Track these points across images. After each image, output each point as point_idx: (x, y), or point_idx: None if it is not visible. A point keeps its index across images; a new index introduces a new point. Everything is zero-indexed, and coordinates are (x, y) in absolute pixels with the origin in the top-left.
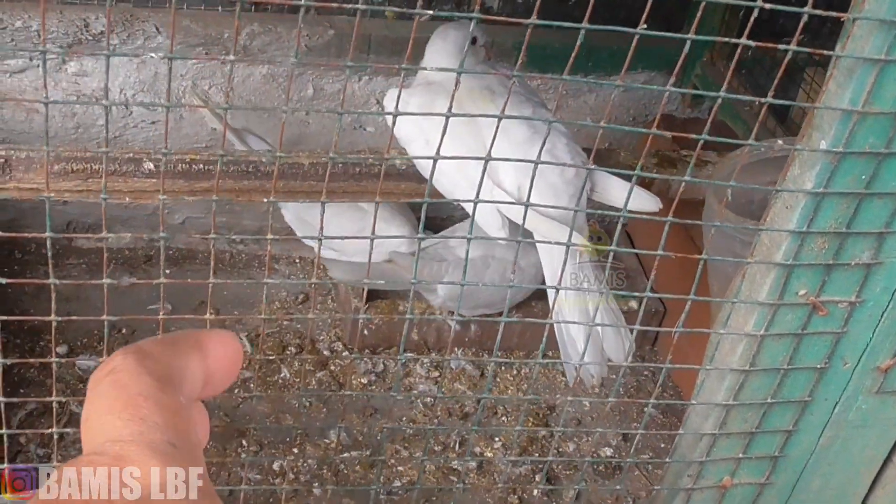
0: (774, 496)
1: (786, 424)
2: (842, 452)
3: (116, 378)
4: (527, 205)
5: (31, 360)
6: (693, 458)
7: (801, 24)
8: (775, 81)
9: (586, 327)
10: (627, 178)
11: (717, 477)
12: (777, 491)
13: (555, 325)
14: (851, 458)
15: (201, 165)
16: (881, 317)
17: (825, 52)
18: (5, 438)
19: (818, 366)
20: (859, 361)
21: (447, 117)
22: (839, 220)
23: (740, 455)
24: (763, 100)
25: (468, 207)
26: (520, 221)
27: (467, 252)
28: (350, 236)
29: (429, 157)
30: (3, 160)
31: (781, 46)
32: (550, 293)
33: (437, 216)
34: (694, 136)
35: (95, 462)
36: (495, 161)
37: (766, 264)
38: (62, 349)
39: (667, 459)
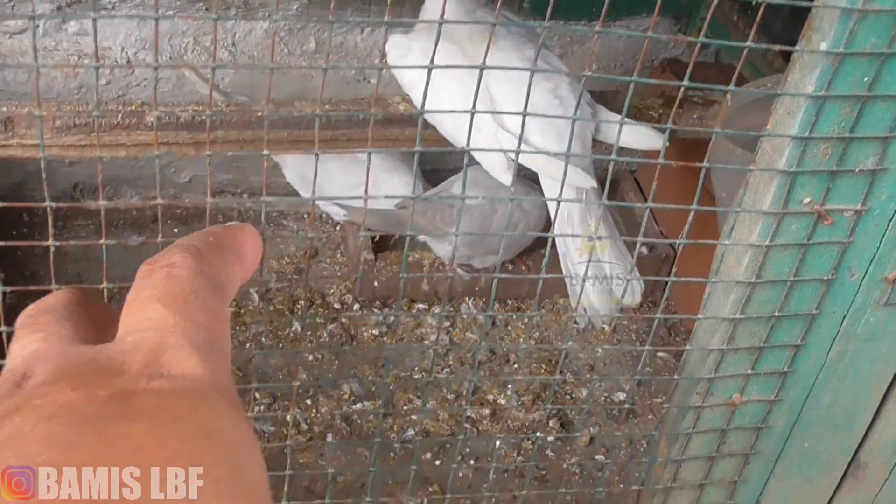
0: (784, 413)
1: (794, 339)
2: (851, 367)
3: (173, 272)
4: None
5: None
6: (701, 375)
7: None
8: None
9: (594, 269)
10: (631, 116)
11: (727, 394)
12: (787, 408)
13: (563, 268)
14: (861, 373)
15: (204, 117)
16: (887, 226)
17: None
18: None
19: (825, 277)
20: (866, 272)
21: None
22: (842, 125)
23: (749, 371)
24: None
25: (474, 151)
26: (524, 163)
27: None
28: (351, 197)
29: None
30: (5, 117)
31: None
32: (558, 239)
33: (442, 167)
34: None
35: (132, 346)
36: (498, 101)
37: (770, 172)
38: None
39: (675, 377)
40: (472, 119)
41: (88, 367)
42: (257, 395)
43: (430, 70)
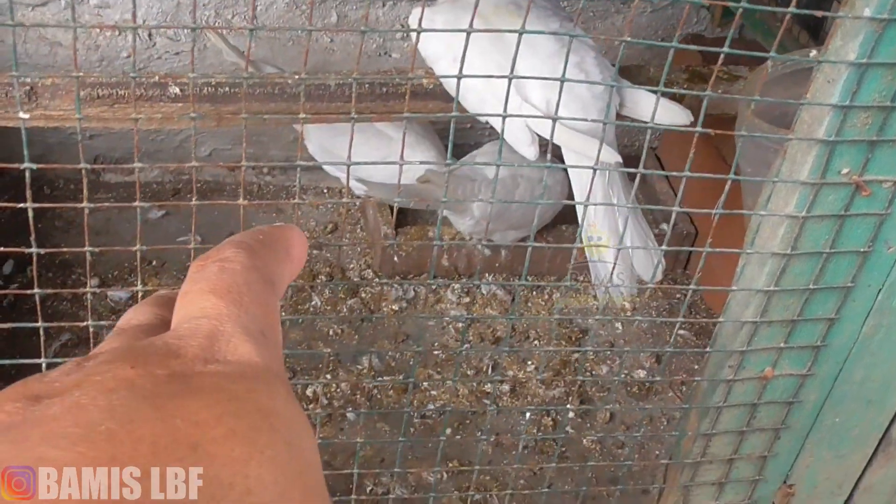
0: (816, 387)
1: (828, 312)
2: (885, 342)
3: (226, 266)
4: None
5: (65, 291)
6: (734, 348)
7: None
8: None
9: (615, 245)
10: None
11: (759, 367)
12: (819, 382)
13: (584, 244)
14: (895, 348)
15: (227, 88)
16: None
17: None
18: (44, 367)
19: (861, 249)
20: None
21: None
22: (883, 94)
23: (782, 344)
24: (787, 10)
25: (496, 124)
26: (548, 136)
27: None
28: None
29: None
30: (28, 87)
31: None
32: (579, 209)
33: (464, 143)
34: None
35: (188, 332)
36: (522, 73)
37: (808, 141)
38: (94, 282)
39: (707, 349)
40: (508, 89)
41: (147, 348)
42: None
43: (468, 34)
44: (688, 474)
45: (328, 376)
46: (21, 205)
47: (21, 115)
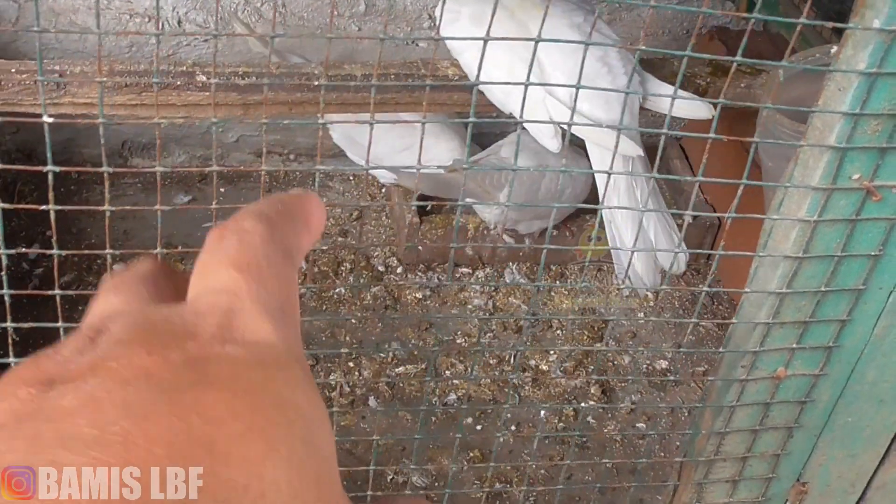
0: (828, 387)
1: (840, 314)
2: None
3: (245, 238)
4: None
5: (86, 293)
6: (747, 349)
7: None
8: None
9: (640, 237)
10: (680, 85)
11: (771, 368)
12: (831, 382)
13: (608, 234)
14: None
15: (254, 78)
16: None
17: None
18: None
19: (872, 253)
20: None
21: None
22: (893, 102)
23: (794, 345)
24: (798, 21)
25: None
26: (572, 130)
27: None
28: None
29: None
30: (57, 74)
31: None
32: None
33: (489, 131)
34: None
35: (206, 307)
36: (547, 69)
37: (819, 148)
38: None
39: (720, 350)
40: (525, 90)
41: (163, 325)
42: None
43: (484, 42)
44: (702, 472)
45: (350, 364)
46: (43, 207)
47: (45, 118)
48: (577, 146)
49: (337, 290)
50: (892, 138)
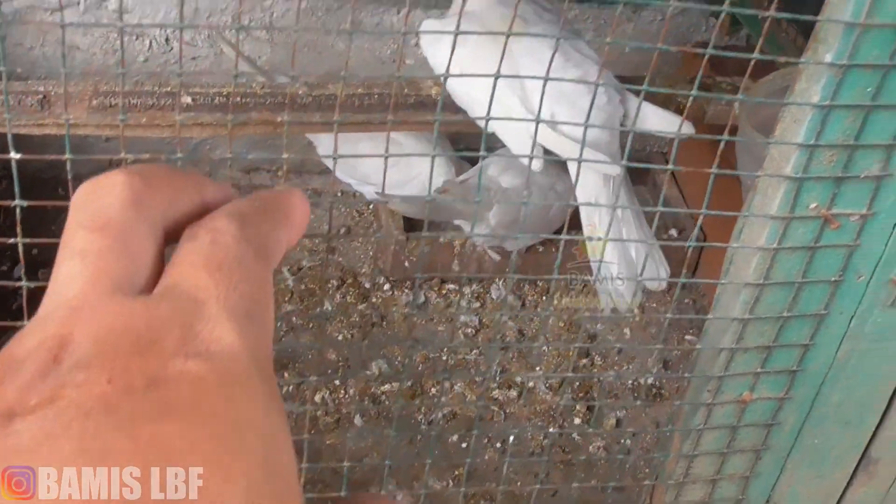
0: (794, 410)
1: (803, 338)
2: (860, 366)
3: (217, 238)
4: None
5: None
6: (712, 374)
7: None
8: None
9: (621, 253)
10: (659, 103)
11: (737, 392)
12: (797, 405)
13: (589, 253)
14: (870, 372)
15: (238, 98)
16: (893, 229)
17: None
18: None
19: (832, 279)
20: (873, 274)
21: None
22: (847, 133)
23: (759, 369)
24: (768, 13)
25: (502, 135)
26: (552, 148)
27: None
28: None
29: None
30: (41, 96)
31: None
32: (584, 221)
33: (476, 147)
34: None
35: (171, 313)
36: (528, 87)
37: (777, 178)
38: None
39: (686, 375)
40: (490, 92)
41: (125, 337)
42: (286, 375)
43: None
44: (672, 494)
45: (337, 382)
46: (12, 240)
47: (13, 155)
48: (562, 163)
49: (324, 308)
50: (848, 168)
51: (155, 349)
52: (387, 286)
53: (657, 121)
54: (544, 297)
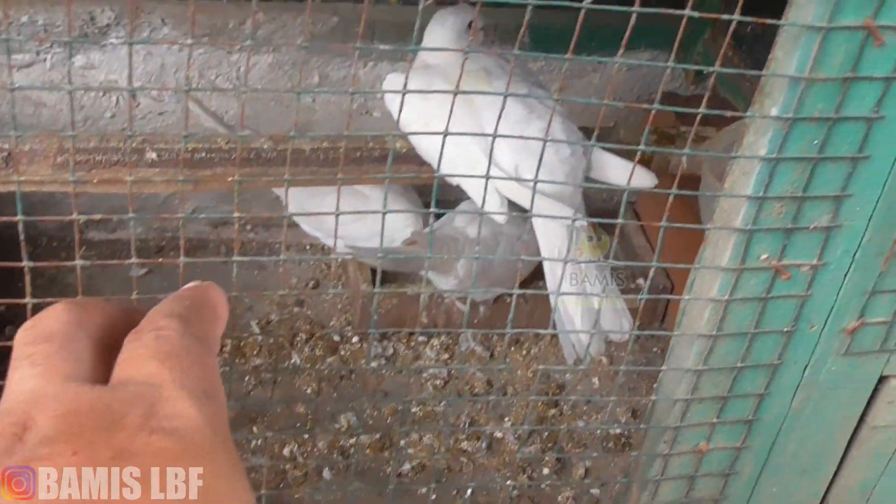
0: (751, 459)
1: (757, 388)
2: (815, 414)
3: (162, 334)
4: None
5: None
6: (668, 424)
7: None
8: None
9: (584, 307)
10: (623, 154)
11: (693, 442)
12: (753, 454)
13: (553, 307)
14: (825, 420)
15: (203, 154)
16: (843, 279)
17: (769, 20)
18: None
19: (785, 329)
20: (825, 324)
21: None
22: (795, 185)
23: (714, 420)
24: (711, 69)
25: (467, 188)
26: (517, 200)
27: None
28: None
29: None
30: (6, 153)
31: (735, 17)
32: (546, 270)
33: (444, 199)
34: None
35: (132, 395)
36: (492, 141)
37: (727, 230)
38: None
39: (641, 426)
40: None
41: (89, 415)
42: (254, 429)
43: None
44: None
45: (305, 436)
46: None
47: None
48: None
49: (293, 361)
50: (797, 220)
51: (119, 426)
52: (355, 339)
53: (619, 172)
54: (512, 348)
